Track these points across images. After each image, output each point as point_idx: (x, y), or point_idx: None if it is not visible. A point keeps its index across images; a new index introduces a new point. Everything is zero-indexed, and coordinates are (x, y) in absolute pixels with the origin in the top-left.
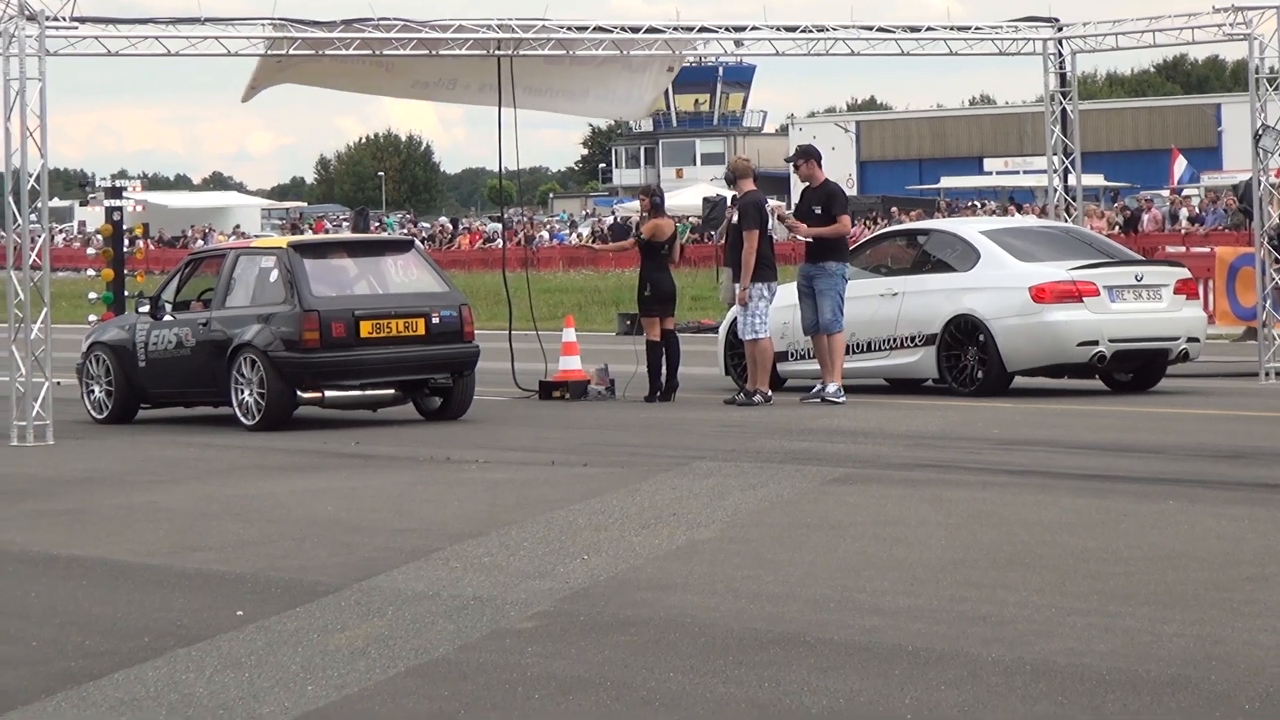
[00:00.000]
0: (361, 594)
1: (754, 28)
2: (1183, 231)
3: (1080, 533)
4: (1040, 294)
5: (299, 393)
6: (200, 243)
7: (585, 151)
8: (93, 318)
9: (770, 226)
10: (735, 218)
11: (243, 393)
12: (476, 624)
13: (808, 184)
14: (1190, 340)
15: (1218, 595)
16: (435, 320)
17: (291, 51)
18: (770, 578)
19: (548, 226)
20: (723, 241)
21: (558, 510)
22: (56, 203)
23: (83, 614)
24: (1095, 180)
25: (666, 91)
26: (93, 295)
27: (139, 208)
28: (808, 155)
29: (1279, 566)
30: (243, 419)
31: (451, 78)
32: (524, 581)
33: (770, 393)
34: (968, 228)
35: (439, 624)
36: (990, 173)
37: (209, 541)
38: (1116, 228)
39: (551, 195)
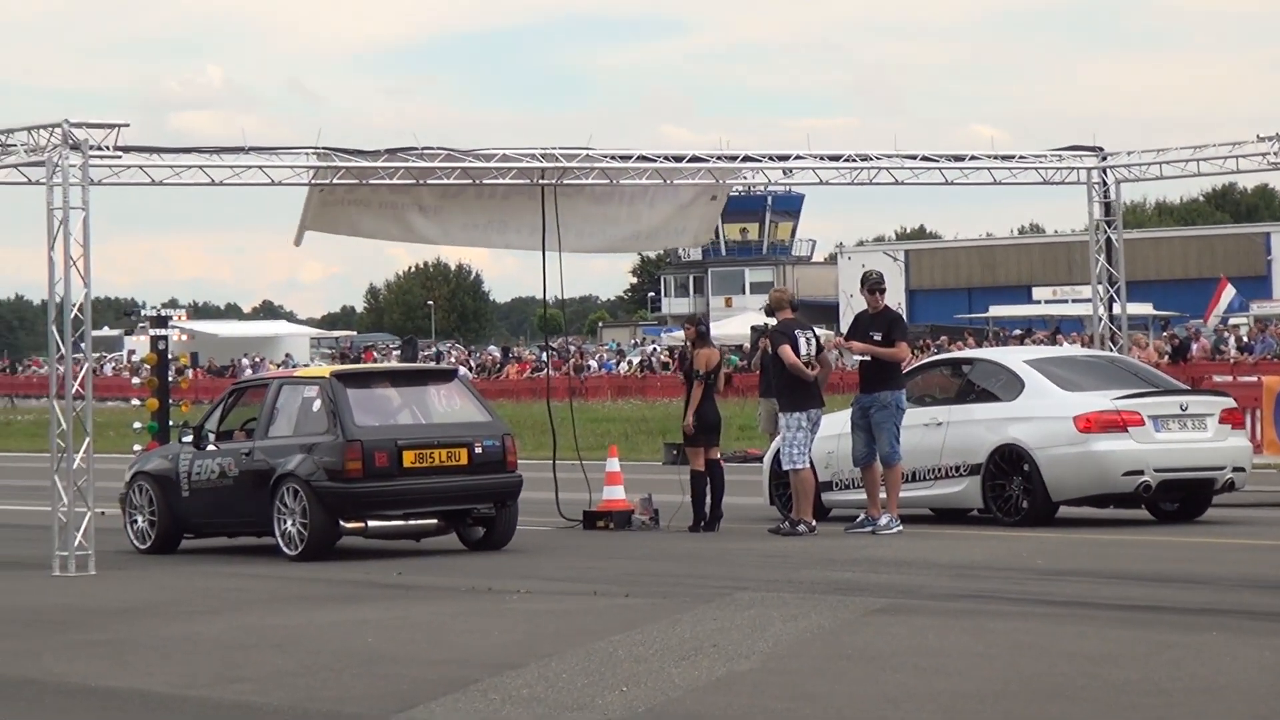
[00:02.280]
0: None
1: (798, 156)
2: (1231, 360)
3: (1122, 664)
4: (1085, 424)
5: (342, 523)
6: (249, 372)
7: (634, 280)
8: (137, 447)
9: (809, 354)
10: (769, 346)
11: (285, 523)
12: None
13: (866, 309)
14: (1236, 470)
15: None
16: (478, 450)
17: (336, 181)
18: (809, 710)
19: (596, 356)
20: (759, 371)
21: (598, 641)
22: (106, 332)
23: None
24: (1144, 309)
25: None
26: (137, 425)
27: (184, 337)
28: (882, 283)
29: None
30: (285, 549)
31: (502, 220)
32: (561, 713)
33: (814, 522)
34: (1012, 357)
35: None
36: (1039, 301)
37: (248, 673)
38: (1165, 357)
39: (601, 324)
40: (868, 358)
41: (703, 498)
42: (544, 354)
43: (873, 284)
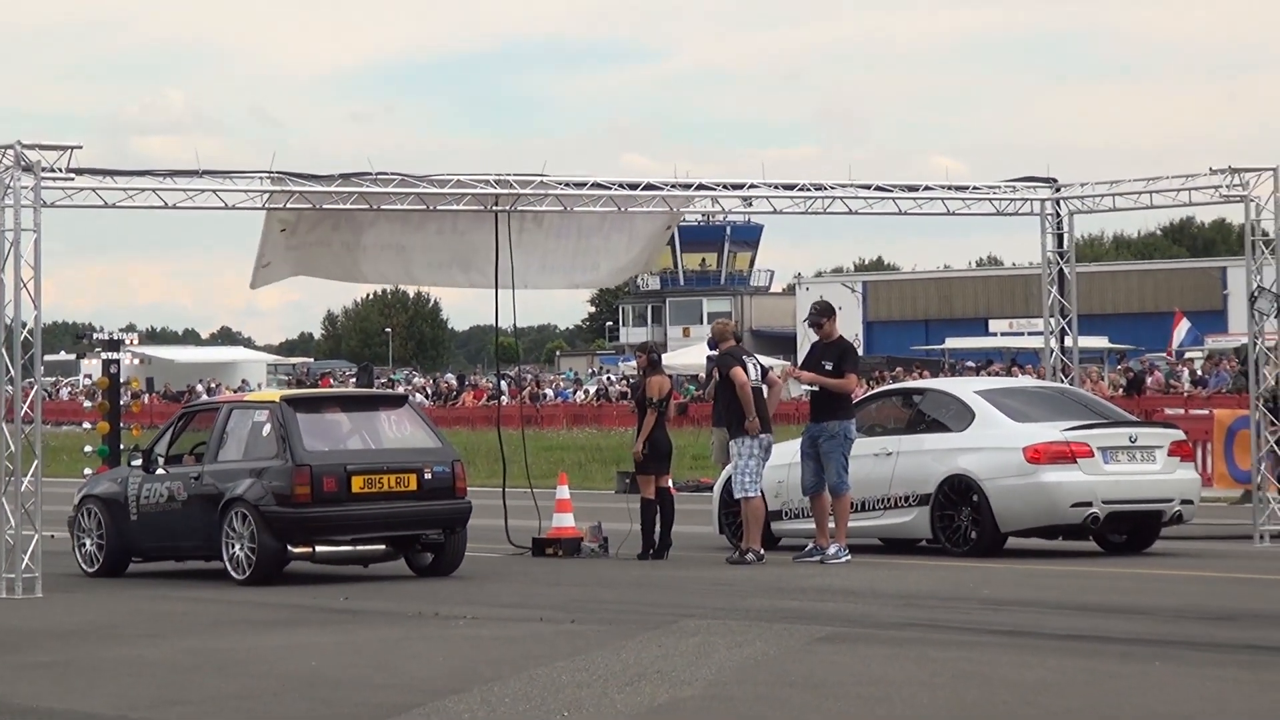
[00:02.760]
0: None
1: (752, 185)
2: (1185, 394)
3: (1064, 693)
4: (1034, 454)
5: (290, 548)
6: (204, 397)
7: (593, 309)
8: (88, 471)
9: (756, 379)
10: (719, 372)
11: (233, 547)
12: None
13: (819, 338)
14: (1184, 502)
15: None
16: (428, 476)
17: (290, 205)
18: None
19: (552, 384)
20: (712, 400)
21: (542, 667)
22: (63, 356)
23: None
24: (1099, 342)
25: (674, 250)
26: (88, 448)
27: (136, 361)
28: (828, 313)
29: None
30: (233, 573)
31: (465, 258)
32: None
33: (763, 551)
34: (962, 387)
35: None
36: (995, 334)
37: (190, 695)
38: (1119, 390)
39: (558, 353)
40: (817, 387)
41: (652, 525)
42: (499, 382)
43: (810, 316)
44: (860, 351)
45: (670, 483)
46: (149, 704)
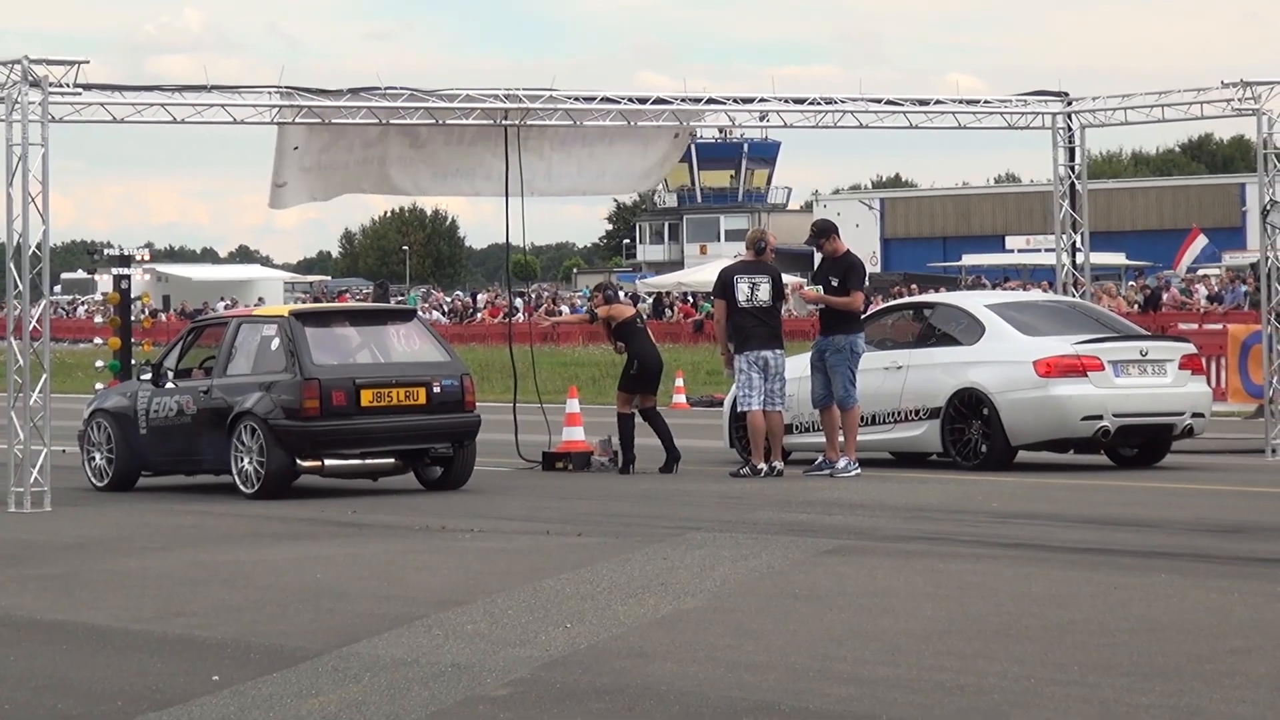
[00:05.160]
0: (339, 660)
1: (762, 99)
2: (1200, 310)
3: (1068, 605)
4: (1045, 368)
5: (299, 461)
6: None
7: (610, 227)
8: (99, 385)
9: (750, 300)
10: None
11: (242, 461)
12: (451, 691)
13: (828, 255)
14: (1195, 415)
15: (1199, 667)
16: (436, 389)
17: (299, 120)
18: (752, 647)
19: (569, 301)
20: None
21: (546, 579)
22: (80, 274)
23: (59, 678)
24: (1117, 259)
25: (692, 167)
26: (99, 363)
27: (147, 276)
28: (826, 232)
29: (1264, 639)
30: (242, 487)
31: (470, 168)
32: (504, 649)
33: (761, 465)
34: (972, 301)
35: (414, 690)
36: (1012, 250)
37: (194, 607)
38: (1135, 306)
39: (575, 270)
40: (823, 305)
41: (632, 440)
42: (513, 299)
43: (810, 237)
44: (878, 268)
45: (653, 403)
46: (153, 615)
